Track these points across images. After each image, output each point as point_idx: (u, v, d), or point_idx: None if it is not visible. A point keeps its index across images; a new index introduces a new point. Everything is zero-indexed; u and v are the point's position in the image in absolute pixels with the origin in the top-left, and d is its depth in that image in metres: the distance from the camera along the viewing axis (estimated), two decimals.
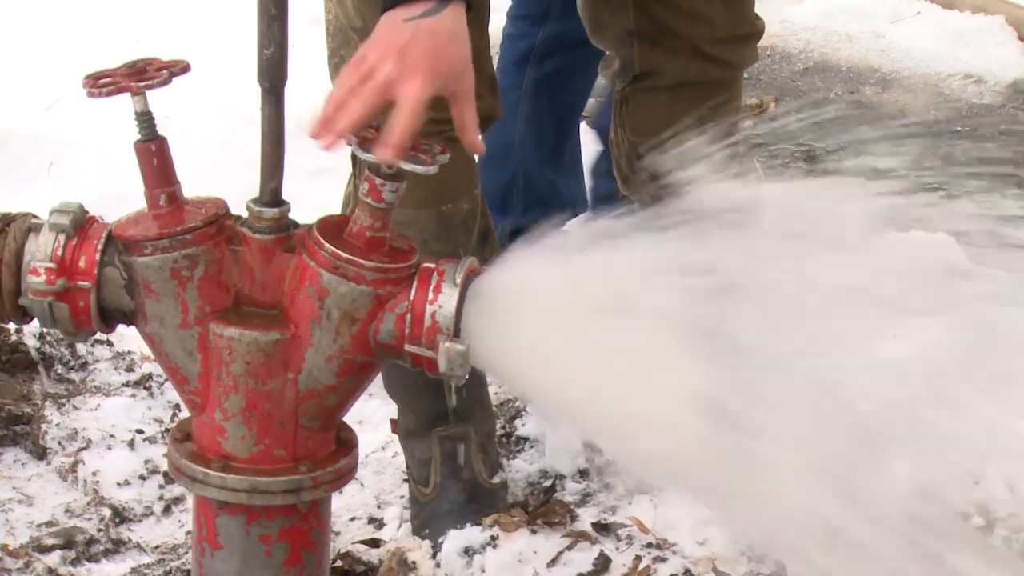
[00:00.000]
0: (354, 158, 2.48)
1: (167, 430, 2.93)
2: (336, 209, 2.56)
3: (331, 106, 1.80)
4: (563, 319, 1.70)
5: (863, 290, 1.67)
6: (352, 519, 2.73)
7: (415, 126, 1.77)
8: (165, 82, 1.81)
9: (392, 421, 2.81)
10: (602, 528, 2.62)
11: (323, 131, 1.79)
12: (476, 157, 2.38)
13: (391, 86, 1.79)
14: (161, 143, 1.83)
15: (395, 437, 2.77)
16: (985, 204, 1.66)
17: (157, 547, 2.69)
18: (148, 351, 1.90)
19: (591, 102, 3.68)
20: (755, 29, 2.65)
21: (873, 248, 1.70)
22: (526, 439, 2.90)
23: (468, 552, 2.57)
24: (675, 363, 1.64)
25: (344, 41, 2.41)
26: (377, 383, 2.57)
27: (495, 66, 2.70)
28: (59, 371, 3.12)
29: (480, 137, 1.87)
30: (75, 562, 2.62)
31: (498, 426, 2.91)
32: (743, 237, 1.70)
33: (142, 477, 2.83)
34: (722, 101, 2.65)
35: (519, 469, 2.81)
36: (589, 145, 3.62)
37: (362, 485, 2.80)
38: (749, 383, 1.62)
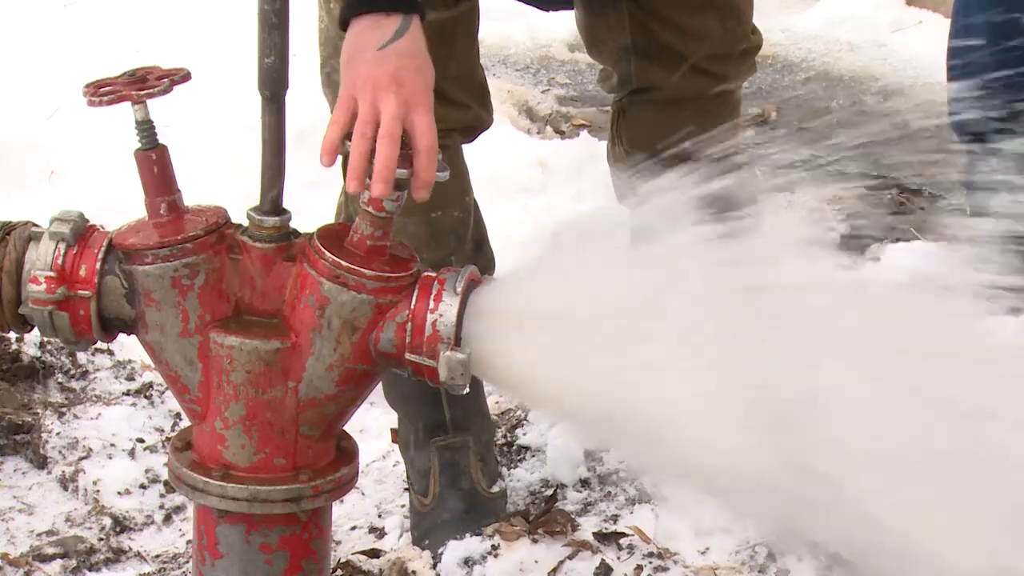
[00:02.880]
0: (345, 167, 2.48)
1: (168, 439, 2.92)
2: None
3: (358, 157, 1.81)
4: (563, 327, 1.70)
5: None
6: (353, 528, 2.73)
7: (436, 153, 1.80)
8: (166, 91, 1.82)
9: (392, 431, 2.81)
10: (603, 537, 2.62)
11: (359, 182, 1.80)
12: None
13: (402, 118, 1.81)
14: (162, 152, 1.83)
15: (396, 446, 2.77)
16: None
17: (158, 556, 2.68)
18: (149, 360, 1.90)
19: None
20: (752, 44, 2.65)
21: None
22: (527, 448, 2.90)
23: (468, 562, 2.56)
24: (679, 366, 1.64)
25: (334, 51, 2.41)
26: (378, 392, 2.57)
27: None
28: (60, 380, 3.12)
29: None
30: (76, 571, 2.62)
31: (499, 435, 2.90)
32: (736, 244, 1.70)
33: (143, 486, 2.83)
34: (720, 114, 2.65)
35: (520, 478, 2.81)
36: None
37: (363, 494, 2.80)
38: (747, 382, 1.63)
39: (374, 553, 2.63)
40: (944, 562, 1.56)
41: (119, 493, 2.80)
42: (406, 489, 2.72)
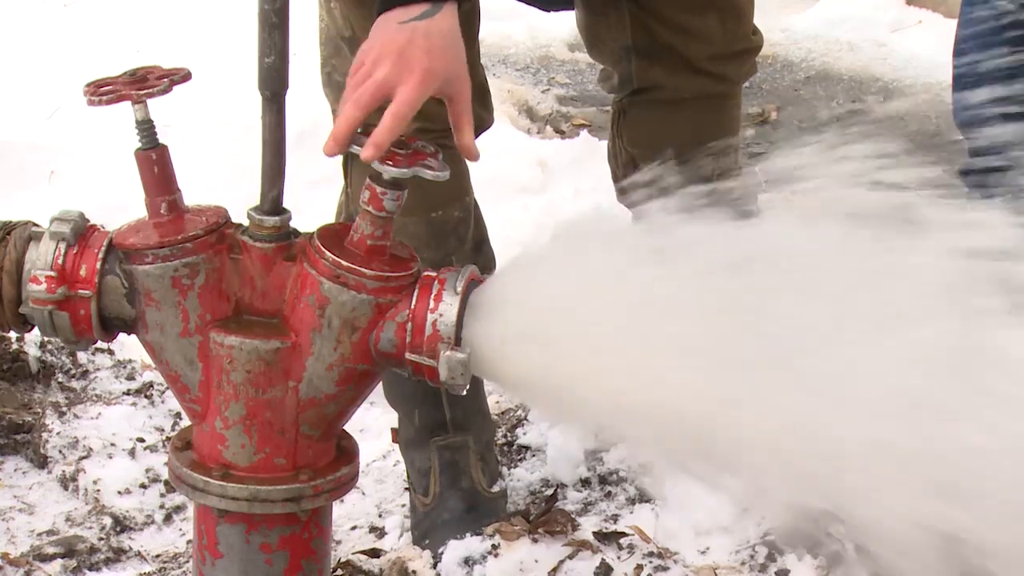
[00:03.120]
0: (345, 167, 2.49)
1: (168, 439, 2.93)
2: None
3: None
4: (564, 325, 1.70)
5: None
6: (353, 528, 2.73)
7: (400, 126, 1.79)
8: (166, 90, 1.81)
9: (393, 430, 2.81)
10: (604, 537, 2.62)
11: (329, 140, 1.81)
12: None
13: (387, 86, 1.81)
14: (162, 151, 1.83)
15: (396, 446, 2.77)
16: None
17: (158, 556, 2.69)
18: (149, 359, 1.90)
19: None
20: (752, 44, 2.65)
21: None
22: (527, 448, 2.90)
23: (468, 562, 2.56)
24: (681, 363, 1.64)
25: (335, 51, 2.41)
26: (378, 391, 2.57)
27: None
28: (60, 380, 3.12)
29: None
30: (76, 571, 2.62)
31: (499, 435, 2.91)
32: (738, 241, 1.70)
33: (143, 486, 2.83)
34: (720, 114, 2.65)
35: (520, 478, 2.81)
36: None
37: (363, 494, 2.80)
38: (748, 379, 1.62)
39: (374, 553, 2.63)
40: None
41: (119, 493, 2.80)
42: (406, 489, 2.72)
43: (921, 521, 1.55)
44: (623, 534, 2.63)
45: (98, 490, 2.80)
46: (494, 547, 2.57)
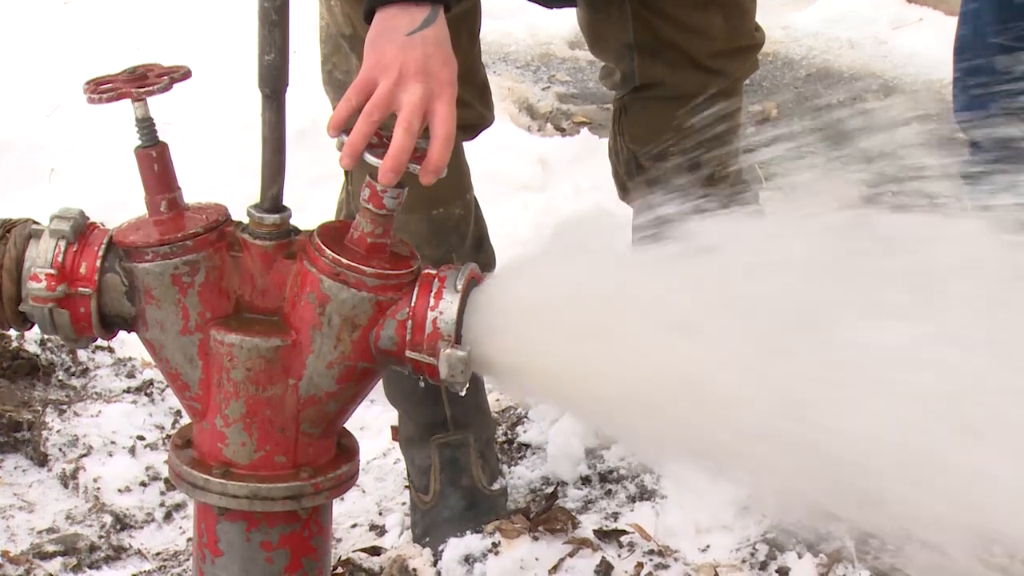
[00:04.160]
0: None
1: (168, 436, 2.93)
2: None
3: (358, 138, 1.79)
4: (564, 323, 1.70)
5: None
6: (353, 526, 2.73)
7: (451, 143, 1.78)
8: (166, 88, 1.81)
9: (393, 428, 2.81)
10: (604, 535, 2.62)
11: (353, 160, 1.79)
12: None
13: (425, 104, 1.80)
14: (162, 149, 1.83)
15: (396, 444, 2.77)
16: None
17: (158, 554, 2.69)
18: (149, 357, 1.90)
19: None
20: (755, 41, 2.65)
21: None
22: (528, 446, 2.90)
23: (469, 560, 2.56)
24: (680, 360, 1.64)
25: (335, 48, 2.41)
26: (378, 389, 2.57)
27: None
28: (60, 378, 3.12)
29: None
30: (76, 569, 2.62)
31: (500, 433, 2.90)
32: (738, 239, 1.70)
33: (143, 484, 2.83)
34: (722, 110, 2.65)
35: (521, 476, 2.81)
36: None
37: (363, 492, 2.80)
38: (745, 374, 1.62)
39: (375, 551, 2.63)
40: None
41: (119, 491, 2.81)
42: (407, 487, 2.72)
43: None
44: (624, 532, 2.63)
45: (98, 488, 2.80)
46: (494, 545, 2.57)
